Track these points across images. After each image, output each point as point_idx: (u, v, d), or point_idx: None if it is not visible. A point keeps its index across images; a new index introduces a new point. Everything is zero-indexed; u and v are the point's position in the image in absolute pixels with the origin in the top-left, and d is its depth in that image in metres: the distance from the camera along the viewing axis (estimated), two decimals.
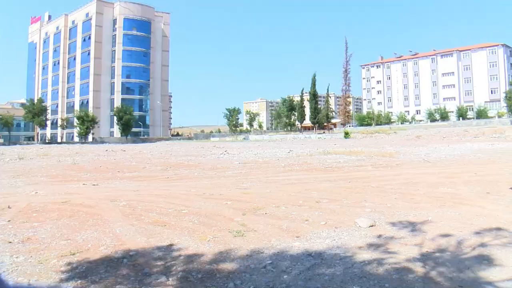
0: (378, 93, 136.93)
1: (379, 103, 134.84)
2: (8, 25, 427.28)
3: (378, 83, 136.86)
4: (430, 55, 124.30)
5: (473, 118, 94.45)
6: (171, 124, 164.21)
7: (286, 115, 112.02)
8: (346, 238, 5.99)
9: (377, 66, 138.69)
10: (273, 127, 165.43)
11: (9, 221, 7.44)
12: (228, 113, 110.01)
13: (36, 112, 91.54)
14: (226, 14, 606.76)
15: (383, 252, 5.27)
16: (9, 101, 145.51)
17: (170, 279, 4.51)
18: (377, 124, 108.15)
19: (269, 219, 7.35)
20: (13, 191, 12.47)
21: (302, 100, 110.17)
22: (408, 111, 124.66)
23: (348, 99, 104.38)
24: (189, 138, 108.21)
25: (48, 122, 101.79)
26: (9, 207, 8.81)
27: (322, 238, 6.00)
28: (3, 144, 76.37)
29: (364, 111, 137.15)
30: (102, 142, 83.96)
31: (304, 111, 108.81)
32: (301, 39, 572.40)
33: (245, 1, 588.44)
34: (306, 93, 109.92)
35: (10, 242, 6.00)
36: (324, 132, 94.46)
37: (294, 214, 7.68)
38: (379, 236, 6.06)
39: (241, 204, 8.84)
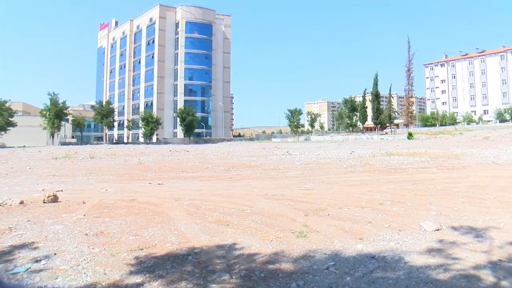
0: (443, 92, 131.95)
1: (443, 103, 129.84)
2: (79, 33, 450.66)
3: (442, 82, 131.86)
4: (499, 52, 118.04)
5: None
6: (232, 125, 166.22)
7: (348, 116, 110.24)
8: (410, 241, 5.83)
9: (441, 65, 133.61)
10: (335, 128, 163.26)
11: (84, 215, 7.96)
12: (290, 114, 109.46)
13: (104, 114, 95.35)
14: (286, 15, 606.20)
15: (449, 258, 5.07)
16: (80, 104, 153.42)
17: (233, 277, 4.58)
18: (441, 125, 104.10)
19: (332, 220, 7.29)
20: (86, 187, 13.21)
21: (364, 100, 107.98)
22: (475, 111, 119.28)
23: (411, 99, 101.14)
24: (251, 139, 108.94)
25: (115, 123, 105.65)
26: (83, 202, 9.41)
27: (386, 240, 5.89)
28: (76, 144, 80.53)
29: (428, 111, 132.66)
30: (166, 142, 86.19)
31: (366, 111, 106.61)
32: (363, 38, 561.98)
33: (305, 1, 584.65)
34: (368, 93, 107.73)
35: (87, 235, 6.44)
36: (386, 133, 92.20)
37: (357, 216, 7.58)
38: (445, 241, 5.83)
39: (304, 205, 8.82)
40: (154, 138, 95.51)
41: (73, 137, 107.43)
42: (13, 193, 11.71)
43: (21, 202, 9.16)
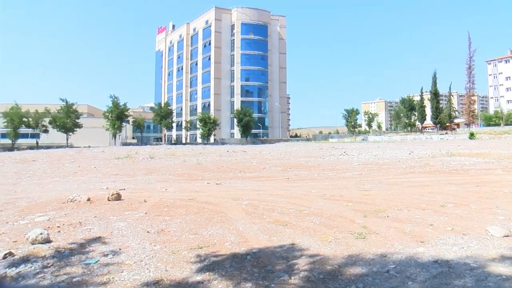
0: (507, 90, 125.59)
1: (508, 101, 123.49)
2: (139, 37, 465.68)
3: (507, 79, 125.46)
4: None
5: None
6: (289, 125, 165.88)
7: (406, 115, 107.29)
8: (476, 247, 5.55)
9: (506, 61, 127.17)
10: (392, 128, 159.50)
11: (146, 213, 8.25)
12: (347, 114, 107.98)
13: (163, 115, 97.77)
14: (342, 13, 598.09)
15: None
16: (140, 105, 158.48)
17: (292, 278, 4.58)
18: (506, 124, 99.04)
19: (391, 222, 7.14)
20: (147, 186, 13.63)
21: (422, 99, 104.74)
22: None
23: (472, 98, 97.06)
24: (308, 139, 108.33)
25: (174, 124, 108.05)
26: (145, 201, 9.74)
27: (449, 245, 5.66)
28: (136, 144, 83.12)
29: (491, 110, 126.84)
30: (223, 143, 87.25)
31: (424, 110, 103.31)
32: (419, 36, 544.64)
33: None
34: (426, 92, 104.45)
35: (148, 232, 6.67)
36: (446, 133, 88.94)
37: (418, 218, 7.37)
38: None
39: (362, 206, 8.70)
40: (212, 139, 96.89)
41: (133, 138, 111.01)
42: (81, 190, 12.33)
43: (88, 199, 9.64)
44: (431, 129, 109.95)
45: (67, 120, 77.66)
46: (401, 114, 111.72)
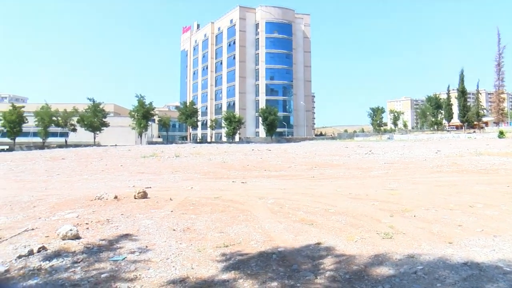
0: None
1: None
2: (164, 37, 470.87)
3: None
4: None
5: None
6: (314, 124, 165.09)
7: (432, 114, 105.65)
8: (508, 249, 5.38)
9: None
10: (418, 127, 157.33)
11: (171, 211, 8.33)
12: (372, 112, 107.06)
13: (188, 114, 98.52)
14: (365, 11, 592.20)
15: None
16: (166, 104, 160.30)
17: (318, 277, 4.55)
18: None
19: (419, 222, 7.04)
20: (172, 185, 13.77)
21: (449, 97, 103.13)
22: None
23: (501, 96, 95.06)
24: (333, 138, 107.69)
25: (199, 123, 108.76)
26: (170, 199, 9.84)
27: (479, 246, 5.52)
28: (162, 143, 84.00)
29: None
30: (248, 141, 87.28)
31: (451, 109, 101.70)
32: (445, 32, 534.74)
33: None
34: (453, 89, 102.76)
35: (174, 230, 6.74)
36: (474, 132, 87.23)
37: (446, 218, 7.24)
38: None
39: (388, 205, 8.60)
40: (237, 138, 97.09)
41: (159, 137, 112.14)
42: (108, 188, 12.53)
43: (115, 197, 9.80)
44: (450, 127, 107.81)
45: (94, 119, 79.06)
46: (427, 113, 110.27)
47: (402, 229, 6.51)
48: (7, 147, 69.72)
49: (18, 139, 73.03)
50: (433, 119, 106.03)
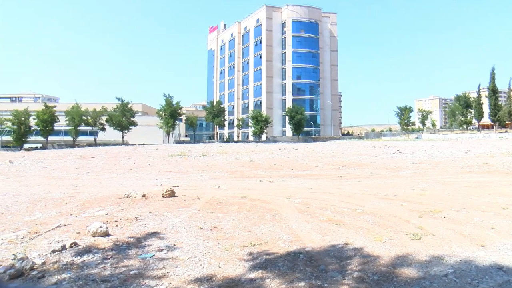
0: None
1: None
2: (191, 37, 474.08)
3: None
4: None
5: None
6: (341, 123, 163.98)
7: (461, 113, 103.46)
8: None
9: None
10: (447, 126, 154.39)
11: (199, 210, 8.39)
12: (399, 112, 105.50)
13: (215, 113, 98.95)
14: (393, 9, 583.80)
15: None
16: (193, 104, 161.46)
17: (346, 278, 4.51)
18: None
19: (449, 223, 6.89)
20: (200, 184, 13.87)
21: (479, 96, 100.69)
22: None
23: None
24: (360, 137, 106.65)
25: (226, 122, 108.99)
26: (198, 198, 9.91)
27: None
28: (189, 142, 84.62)
29: None
30: (275, 141, 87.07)
31: (482, 108, 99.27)
32: (476, 31, 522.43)
33: None
34: (483, 88, 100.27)
35: (202, 229, 6.79)
36: (506, 131, 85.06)
37: (477, 220, 7.05)
38: None
39: (417, 206, 8.46)
40: (264, 137, 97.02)
41: (186, 136, 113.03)
42: (136, 186, 12.71)
43: (143, 195, 9.92)
44: (471, 127, 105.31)
45: (123, 118, 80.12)
46: (456, 112, 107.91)
47: (431, 230, 6.39)
48: (40, 145, 71.66)
49: (50, 138, 74.67)
50: (462, 119, 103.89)
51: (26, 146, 69.23)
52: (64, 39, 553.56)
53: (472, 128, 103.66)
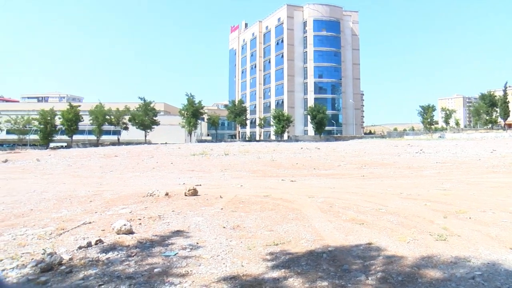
0: None
1: None
2: (212, 36, 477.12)
3: None
4: None
5: None
6: (363, 122, 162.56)
7: (486, 112, 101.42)
8: None
9: None
10: (471, 125, 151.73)
11: (221, 209, 8.44)
12: (422, 111, 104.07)
13: (237, 113, 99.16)
14: (416, 6, 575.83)
15: None
16: (214, 103, 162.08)
17: (369, 278, 4.47)
18: None
19: (474, 224, 6.76)
20: (222, 183, 13.92)
21: (505, 94, 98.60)
22: None
23: None
24: (382, 136, 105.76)
25: (248, 122, 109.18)
26: (220, 197, 9.96)
27: None
28: (211, 141, 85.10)
29: None
30: (297, 140, 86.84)
31: (508, 107, 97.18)
32: (499, 26, 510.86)
33: None
34: (510, 86, 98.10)
35: (224, 227, 6.82)
36: None
37: (505, 222, 6.88)
38: None
39: (442, 206, 8.34)
40: (285, 136, 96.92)
41: (208, 135, 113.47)
42: (159, 185, 12.83)
43: (166, 194, 10.02)
44: (497, 126, 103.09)
45: (145, 118, 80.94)
46: (481, 111, 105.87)
47: (456, 231, 6.28)
48: (65, 144, 73.07)
49: (75, 137, 75.95)
50: (487, 118, 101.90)
51: (52, 145, 70.73)
52: (88, 41, 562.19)
53: (498, 127, 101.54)
